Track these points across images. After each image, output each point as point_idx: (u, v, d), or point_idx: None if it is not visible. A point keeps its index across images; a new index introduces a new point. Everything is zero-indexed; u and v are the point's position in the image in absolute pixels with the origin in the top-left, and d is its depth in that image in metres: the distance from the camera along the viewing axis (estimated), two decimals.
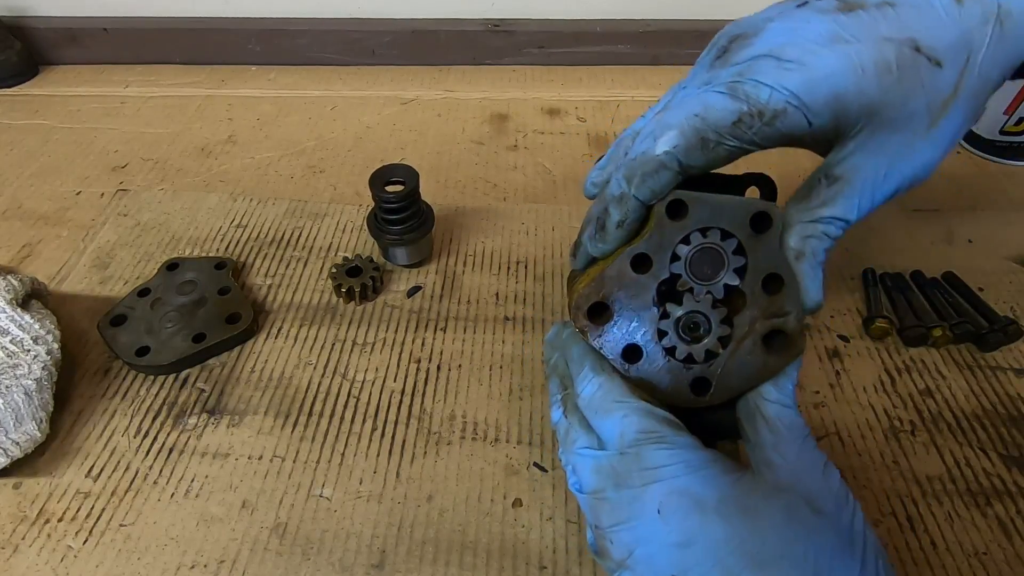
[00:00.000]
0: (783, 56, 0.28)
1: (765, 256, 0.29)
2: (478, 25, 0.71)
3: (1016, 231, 0.51)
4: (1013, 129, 0.57)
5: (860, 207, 0.30)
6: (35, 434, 0.36)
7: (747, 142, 0.29)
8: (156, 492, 0.36)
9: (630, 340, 0.30)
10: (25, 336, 0.39)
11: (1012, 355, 0.43)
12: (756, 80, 0.28)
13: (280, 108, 0.67)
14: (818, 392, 0.41)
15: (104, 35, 0.71)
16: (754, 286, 0.30)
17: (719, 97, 0.28)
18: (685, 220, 0.29)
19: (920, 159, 0.30)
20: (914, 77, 0.28)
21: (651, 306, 0.30)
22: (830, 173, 0.30)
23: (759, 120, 0.28)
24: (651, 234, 0.30)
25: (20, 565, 0.33)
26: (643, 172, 0.29)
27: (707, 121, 0.28)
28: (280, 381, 0.41)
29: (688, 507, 0.25)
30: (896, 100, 0.28)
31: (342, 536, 0.34)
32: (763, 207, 0.29)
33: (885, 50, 0.27)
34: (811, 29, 0.28)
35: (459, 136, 0.63)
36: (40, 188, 0.56)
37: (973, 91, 0.29)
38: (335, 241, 0.51)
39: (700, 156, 0.29)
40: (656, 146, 0.29)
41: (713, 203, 0.29)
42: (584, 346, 0.31)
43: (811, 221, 0.30)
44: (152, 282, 0.46)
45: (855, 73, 0.27)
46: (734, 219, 0.29)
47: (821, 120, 0.28)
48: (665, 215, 0.30)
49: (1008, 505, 0.35)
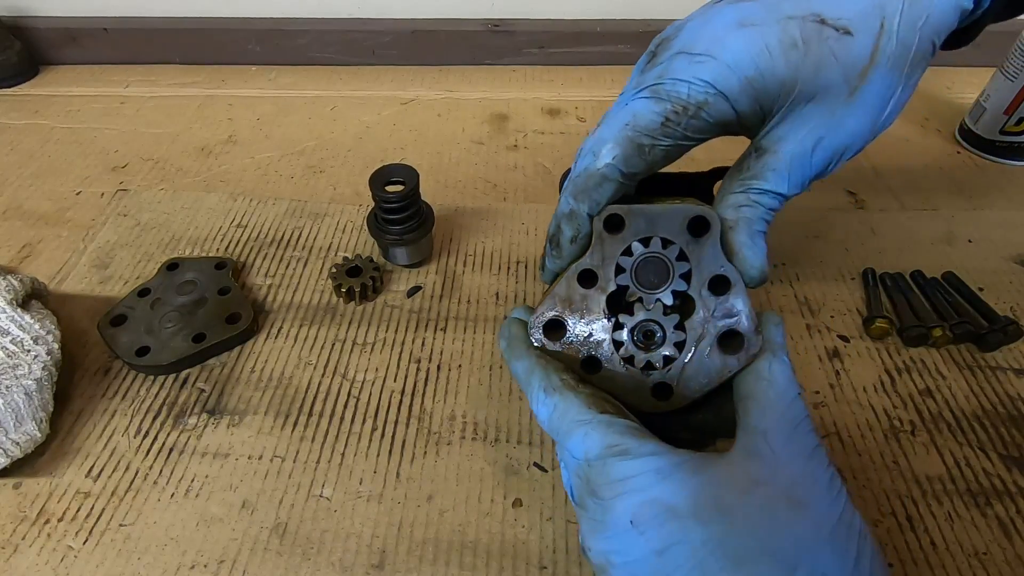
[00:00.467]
0: (694, 51, 0.29)
1: (707, 259, 0.30)
2: (478, 25, 0.71)
3: (1016, 231, 0.51)
4: (1013, 129, 0.57)
5: (791, 179, 0.30)
6: (35, 434, 0.36)
7: (680, 139, 0.30)
8: (156, 492, 0.36)
9: (588, 352, 0.31)
10: (25, 336, 0.39)
11: (1012, 355, 0.43)
12: (673, 79, 0.29)
13: (280, 108, 0.67)
14: (818, 392, 0.41)
15: (104, 35, 0.71)
16: (701, 289, 0.30)
17: (644, 102, 0.30)
18: (623, 233, 0.30)
19: (845, 128, 0.30)
20: (823, 48, 0.28)
21: (603, 318, 0.31)
22: (759, 146, 0.31)
23: (685, 116, 0.29)
24: (592, 249, 0.31)
25: (20, 565, 0.33)
26: (587, 187, 0.31)
27: (638, 128, 0.30)
28: (280, 381, 0.41)
29: (662, 516, 0.25)
30: (808, 73, 0.28)
31: (342, 536, 0.34)
32: (698, 211, 0.30)
33: (789, 27, 0.28)
34: (719, 20, 0.30)
35: (459, 136, 0.63)
36: (40, 188, 0.56)
37: (895, 58, 0.29)
38: (335, 241, 0.51)
39: (640, 162, 0.30)
40: (596, 161, 0.30)
41: (648, 213, 0.30)
42: (528, 364, 0.31)
43: (742, 192, 0.31)
44: (152, 282, 0.46)
45: (762, 54, 0.28)
46: (671, 227, 0.30)
47: (743, 105, 0.29)
48: (603, 230, 0.30)
49: (1008, 505, 0.35)
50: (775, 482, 0.25)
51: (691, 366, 0.30)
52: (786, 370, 0.29)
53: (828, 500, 0.26)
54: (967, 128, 0.61)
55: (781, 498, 0.25)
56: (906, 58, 0.29)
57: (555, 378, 0.30)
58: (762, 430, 0.27)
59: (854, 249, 0.50)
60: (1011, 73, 0.55)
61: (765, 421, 0.27)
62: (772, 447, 0.26)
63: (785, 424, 0.27)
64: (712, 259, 0.30)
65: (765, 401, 0.28)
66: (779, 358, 0.29)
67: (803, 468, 0.26)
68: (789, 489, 0.25)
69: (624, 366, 0.31)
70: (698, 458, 0.26)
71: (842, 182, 0.57)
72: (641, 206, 0.30)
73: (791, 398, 0.28)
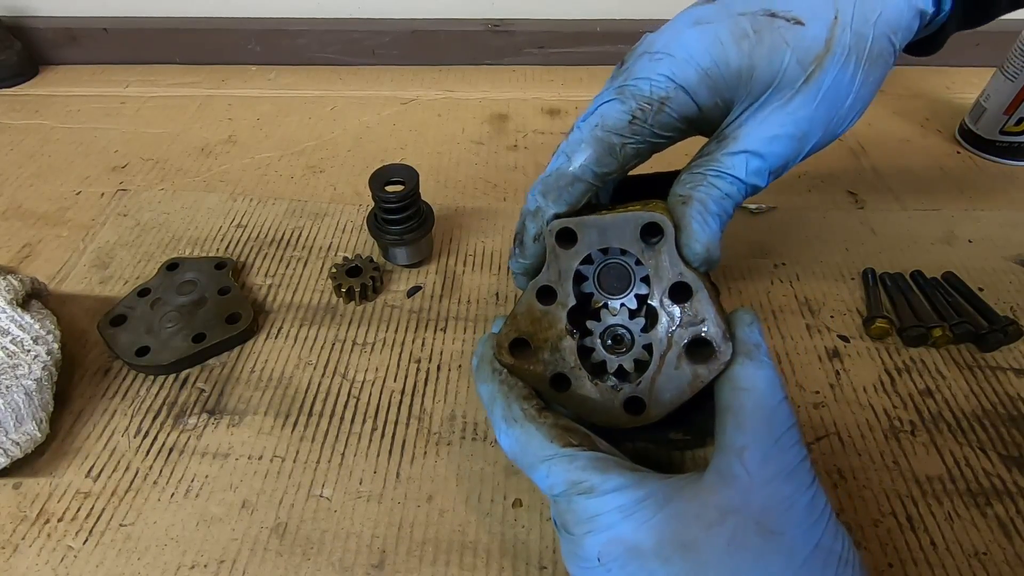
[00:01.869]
0: (653, 50, 0.31)
1: (664, 266, 0.29)
2: (478, 25, 0.71)
3: (1016, 231, 0.51)
4: (1013, 129, 0.57)
5: (749, 165, 0.30)
6: (35, 434, 0.36)
7: (649, 136, 0.31)
8: (156, 492, 0.36)
9: (555, 370, 0.31)
10: (25, 336, 0.39)
11: (1012, 355, 0.43)
12: (636, 78, 0.30)
13: (280, 108, 0.67)
14: (818, 392, 0.41)
15: (104, 35, 0.71)
16: (662, 298, 0.29)
17: (611, 104, 0.31)
18: (577, 246, 0.30)
19: (801, 115, 0.30)
20: (775, 36, 0.29)
21: (566, 335, 0.30)
22: (720, 134, 0.32)
23: (650, 112, 0.30)
24: (548, 264, 0.30)
25: (20, 565, 0.33)
26: (558, 186, 0.32)
27: (607, 127, 0.31)
28: (280, 381, 0.41)
29: (625, 555, 0.25)
30: (762, 61, 0.29)
31: (342, 536, 0.34)
32: (648, 218, 0.29)
33: (741, 21, 0.30)
34: (677, 22, 0.31)
35: (459, 136, 0.63)
36: (40, 188, 0.56)
37: (850, 48, 0.29)
38: (335, 241, 0.51)
39: (612, 161, 0.31)
40: (570, 162, 0.31)
41: (599, 225, 0.29)
42: (490, 390, 0.30)
43: (698, 172, 0.31)
44: (152, 282, 0.46)
45: (715, 45, 0.29)
46: (622, 236, 0.29)
47: (703, 97, 0.30)
48: (556, 244, 0.30)
49: (1008, 505, 0.35)
50: (746, 510, 0.24)
51: (661, 378, 0.29)
52: (765, 374, 0.27)
53: (805, 526, 0.24)
54: (967, 128, 0.61)
55: (751, 528, 0.24)
56: (863, 51, 0.29)
57: (516, 408, 0.29)
58: (737, 448, 0.25)
59: (854, 249, 0.50)
60: (1011, 73, 0.55)
61: (741, 438, 0.25)
62: (748, 468, 0.25)
63: (764, 439, 0.25)
64: (669, 265, 0.29)
65: (742, 414, 0.26)
66: (755, 361, 0.27)
67: (779, 491, 0.25)
68: (761, 516, 0.24)
69: (593, 381, 0.30)
70: (666, 488, 0.25)
71: (842, 182, 0.57)
72: (591, 217, 0.30)
73: (772, 407, 0.26)
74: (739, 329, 0.28)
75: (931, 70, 0.71)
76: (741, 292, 0.47)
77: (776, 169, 0.31)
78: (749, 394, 0.26)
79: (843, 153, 0.60)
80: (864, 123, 0.63)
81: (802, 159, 0.32)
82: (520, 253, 0.34)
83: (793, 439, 0.26)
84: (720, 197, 0.30)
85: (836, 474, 0.37)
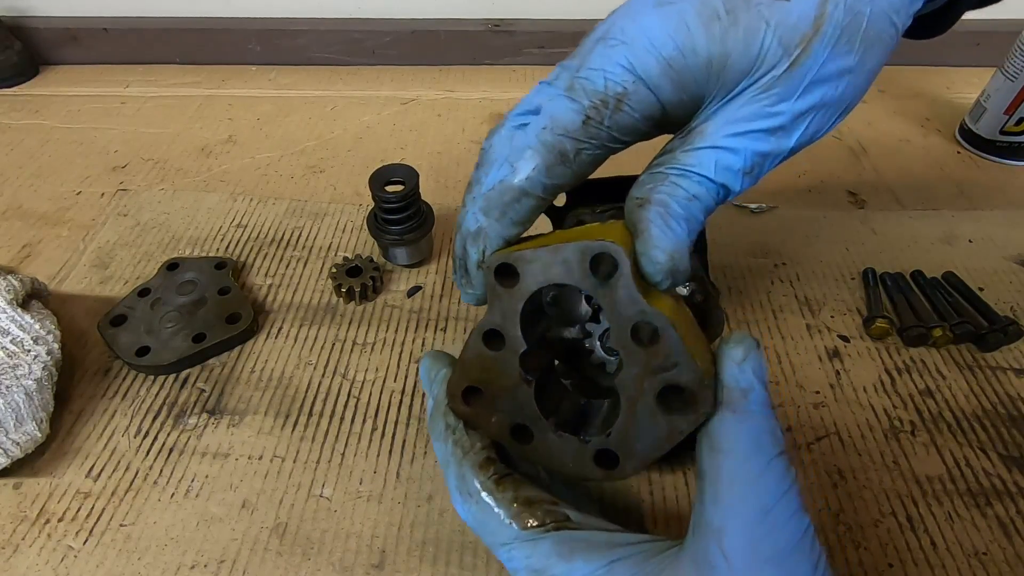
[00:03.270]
0: (608, 36, 0.26)
1: (622, 304, 0.24)
2: (478, 25, 0.71)
3: (1016, 231, 0.51)
4: (1013, 129, 0.57)
5: (719, 161, 0.26)
6: (35, 434, 0.36)
7: (608, 140, 0.26)
8: (156, 492, 0.36)
9: (514, 420, 0.27)
10: (25, 336, 0.39)
11: (1012, 355, 0.43)
12: (590, 69, 0.26)
13: (280, 108, 0.67)
14: (818, 392, 0.41)
15: (104, 35, 0.71)
16: (623, 340, 0.24)
17: (561, 103, 0.26)
18: (519, 284, 0.25)
19: (780, 106, 0.25)
20: (753, 15, 0.25)
21: (520, 382, 0.27)
22: (685, 130, 0.27)
23: (606, 111, 0.25)
24: (491, 305, 0.26)
25: (20, 565, 0.33)
26: (502, 202, 0.27)
27: (557, 131, 0.26)
28: (280, 381, 0.41)
29: None
30: (737, 45, 0.25)
31: (342, 536, 0.34)
32: (599, 249, 0.24)
33: (710, 1, 0.25)
34: (637, 2, 0.26)
35: (459, 136, 0.63)
36: (40, 188, 0.56)
37: (843, 28, 0.25)
38: (335, 241, 0.51)
39: (565, 171, 0.26)
40: (514, 173, 0.26)
41: (542, 259, 0.25)
42: (444, 451, 0.27)
43: (659, 171, 0.26)
44: (152, 282, 0.46)
45: (680, 31, 0.25)
46: (570, 271, 0.24)
47: (667, 92, 0.25)
48: (496, 283, 0.26)
49: (1008, 505, 0.35)
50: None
51: (633, 431, 0.25)
52: (749, 428, 0.22)
53: None
54: (967, 128, 0.61)
55: None
56: (857, 33, 0.25)
57: (472, 481, 0.26)
58: (715, 529, 0.21)
59: (854, 249, 0.50)
60: (1011, 73, 0.55)
61: (719, 515, 0.21)
62: (727, 555, 0.20)
63: (747, 516, 0.21)
64: (627, 304, 0.24)
65: (721, 484, 0.22)
66: (739, 413, 0.22)
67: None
68: None
69: (556, 432, 0.27)
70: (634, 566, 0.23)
71: (842, 182, 0.57)
72: (532, 251, 0.25)
73: (757, 472, 0.21)
74: (725, 370, 0.23)
75: (931, 70, 0.71)
76: (741, 292, 0.47)
77: (751, 168, 0.26)
78: (728, 457, 0.22)
79: (843, 153, 0.60)
80: (864, 123, 0.63)
81: (785, 159, 0.27)
82: (467, 283, 0.29)
83: (789, 510, 0.21)
84: (685, 198, 0.25)
85: (836, 474, 0.37)
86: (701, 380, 0.23)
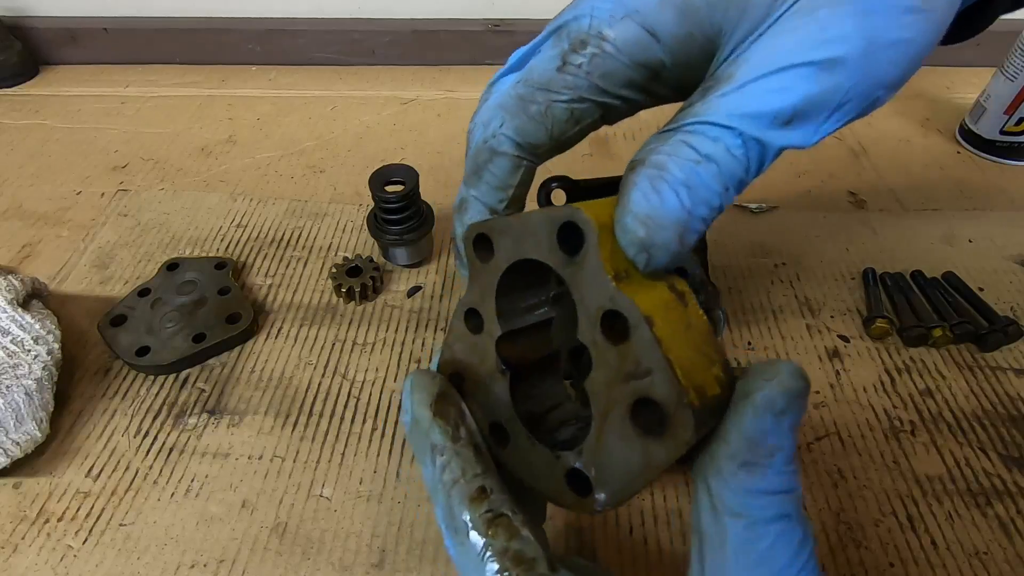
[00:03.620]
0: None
1: (589, 286, 0.20)
2: (478, 25, 0.71)
3: (1016, 231, 0.51)
4: (1013, 129, 0.57)
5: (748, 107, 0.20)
6: (35, 434, 0.36)
7: (589, 91, 0.22)
8: (156, 492, 0.36)
9: (490, 418, 0.24)
10: (25, 336, 0.39)
11: (1012, 355, 0.43)
12: (576, 9, 0.22)
13: (280, 108, 0.67)
14: (818, 392, 0.41)
15: (104, 35, 0.71)
16: (592, 334, 0.20)
17: (541, 52, 0.23)
18: (495, 257, 0.23)
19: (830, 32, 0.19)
20: None
21: (495, 372, 0.23)
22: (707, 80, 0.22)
23: (584, 54, 0.21)
24: (471, 282, 0.24)
25: (20, 565, 0.33)
26: (477, 165, 0.24)
27: (529, 83, 0.23)
28: (280, 381, 0.41)
29: None
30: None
31: (342, 536, 0.34)
32: (566, 216, 0.20)
33: None
34: None
35: (459, 136, 0.63)
36: (40, 188, 0.56)
37: None
38: (335, 241, 0.51)
39: (537, 127, 0.23)
40: (486, 130, 0.24)
41: (514, 227, 0.22)
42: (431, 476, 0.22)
43: (667, 130, 0.21)
44: (152, 282, 0.46)
45: None
46: (537, 244, 0.21)
47: (669, 25, 0.21)
48: (475, 256, 0.23)
49: (1008, 505, 0.35)
50: None
51: (605, 452, 0.20)
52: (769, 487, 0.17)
53: None
54: (967, 128, 0.61)
55: None
56: None
57: (460, 518, 0.21)
58: None
59: (854, 249, 0.50)
60: (1011, 73, 0.55)
61: None
62: None
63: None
64: (593, 286, 0.20)
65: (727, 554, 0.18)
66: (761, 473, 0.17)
67: None
68: None
69: (529, 439, 0.23)
70: None
71: (842, 182, 0.57)
72: (507, 218, 0.22)
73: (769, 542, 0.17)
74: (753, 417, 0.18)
75: (931, 70, 0.71)
76: (741, 292, 0.47)
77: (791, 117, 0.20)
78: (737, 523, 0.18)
79: (843, 153, 0.60)
80: (864, 123, 0.63)
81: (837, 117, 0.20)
82: (462, 264, 0.25)
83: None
84: (691, 160, 0.20)
85: (836, 474, 0.37)
86: (679, 397, 0.18)
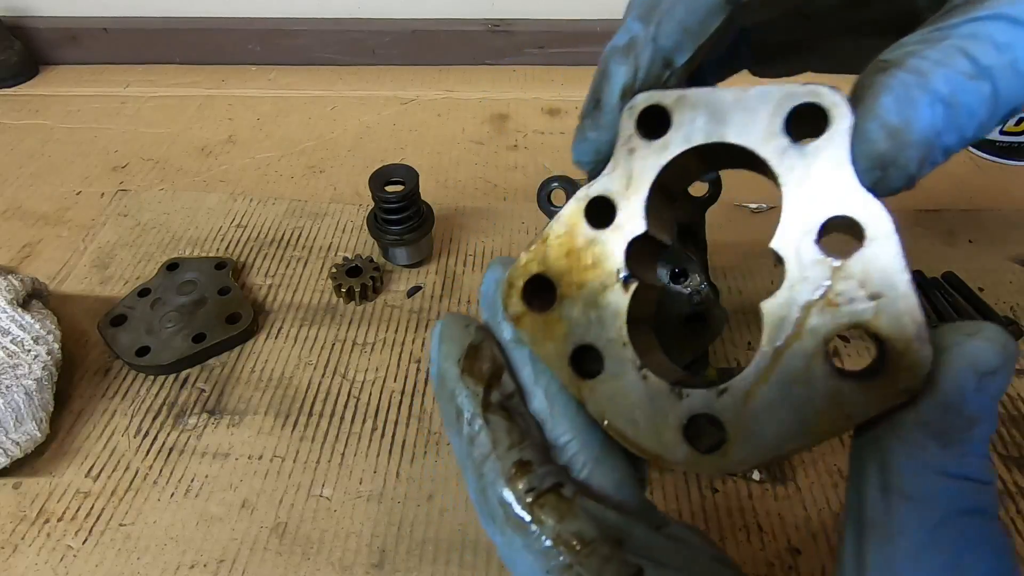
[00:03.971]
0: None
1: (820, 181, 0.17)
2: (478, 25, 0.71)
3: (1016, 231, 0.51)
4: (1013, 129, 0.57)
5: None
6: (35, 434, 0.36)
7: None
8: (156, 492, 0.36)
9: (582, 339, 0.19)
10: (26, 336, 0.39)
11: None
12: None
13: (280, 108, 0.67)
14: None
15: (104, 35, 0.71)
16: (800, 240, 0.17)
17: None
18: (668, 136, 0.19)
19: None
20: None
21: (615, 283, 0.19)
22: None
23: None
24: (613, 164, 0.19)
25: (20, 565, 0.33)
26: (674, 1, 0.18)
27: None
28: (280, 381, 0.41)
29: None
30: None
31: (342, 536, 0.34)
32: (809, 96, 0.17)
33: None
34: None
35: (459, 136, 0.63)
36: (40, 188, 0.56)
37: None
38: (335, 241, 0.51)
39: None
40: None
41: (712, 103, 0.18)
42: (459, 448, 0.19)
43: (933, 31, 0.17)
44: (152, 282, 0.46)
45: None
46: (752, 125, 0.17)
47: None
48: (636, 132, 0.19)
49: (1008, 505, 0.35)
50: None
51: (764, 396, 0.16)
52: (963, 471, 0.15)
53: None
54: None
55: None
56: None
57: (494, 500, 0.18)
58: None
59: None
60: None
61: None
62: None
63: None
64: (830, 185, 0.17)
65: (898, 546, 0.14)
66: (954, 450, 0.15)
67: None
68: None
69: (641, 372, 0.18)
70: None
71: None
72: (701, 90, 0.18)
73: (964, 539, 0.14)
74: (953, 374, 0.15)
75: None
76: (741, 292, 0.47)
77: None
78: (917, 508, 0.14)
79: None
80: None
81: None
82: (592, 123, 0.20)
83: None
84: (965, 74, 0.16)
85: (837, 474, 0.37)
86: (917, 330, 0.15)
